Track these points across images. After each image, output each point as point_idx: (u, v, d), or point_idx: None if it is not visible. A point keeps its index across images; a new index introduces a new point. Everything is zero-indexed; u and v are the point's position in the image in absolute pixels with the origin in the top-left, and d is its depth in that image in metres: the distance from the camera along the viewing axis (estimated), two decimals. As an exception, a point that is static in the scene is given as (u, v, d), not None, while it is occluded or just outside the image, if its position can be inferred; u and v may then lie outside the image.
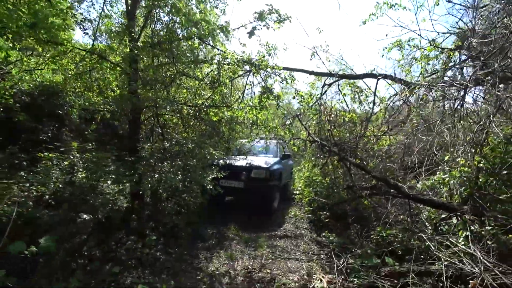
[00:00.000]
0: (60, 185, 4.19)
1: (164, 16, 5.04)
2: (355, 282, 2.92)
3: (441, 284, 2.28)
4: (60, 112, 6.94)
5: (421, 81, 4.49)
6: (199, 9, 4.26)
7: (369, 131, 4.58)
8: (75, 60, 5.41)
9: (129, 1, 4.95)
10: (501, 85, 3.08)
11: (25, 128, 6.22)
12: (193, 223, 4.73)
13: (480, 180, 2.83)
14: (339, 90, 5.87)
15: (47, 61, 5.43)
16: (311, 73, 5.43)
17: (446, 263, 2.38)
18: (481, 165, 2.78)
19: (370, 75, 5.16)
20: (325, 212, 5.09)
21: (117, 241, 3.64)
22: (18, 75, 5.42)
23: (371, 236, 3.89)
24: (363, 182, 4.12)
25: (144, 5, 5.17)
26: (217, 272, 3.24)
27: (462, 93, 3.04)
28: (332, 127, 4.77)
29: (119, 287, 2.71)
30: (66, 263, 2.86)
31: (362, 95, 5.52)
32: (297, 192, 6.29)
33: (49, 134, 6.59)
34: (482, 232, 2.42)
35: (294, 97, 5.06)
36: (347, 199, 4.66)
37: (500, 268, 2.12)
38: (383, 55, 4.98)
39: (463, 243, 2.44)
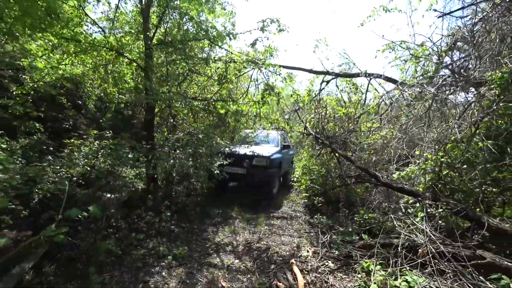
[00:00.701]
0: (88, 168, 4.90)
1: (176, 16, 5.58)
2: (335, 252, 3.58)
3: (399, 253, 2.92)
4: (80, 103, 7.61)
5: (409, 82, 5.01)
6: (210, 16, 4.79)
7: (357, 127, 5.13)
8: (93, 54, 6.00)
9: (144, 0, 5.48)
10: (472, 89, 3.62)
11: (49, 117, 6.91)
12: (201, 204, 5.42)
13: (442, 172, 3.41)
14: (337, 86, 6.41)
15: (69, 57, 6.04)
16: (310, 71, 5.96)
17: (405, 237, 3.01)
18: (443, 160, 3.36)
19: (364, 75, 5.66)
20: (319, 198, 5.74)
21: (138, 216, 4.33)
22: (46, 69, 6.05)
23: (355, 218, 4.53)
24: (351, 172, 4.71)
25: (157, 4, 5.69)
26: (222, 242, 3.94)
27: (433, 95, 3.58)
28: (326, 122, 5.33)
29: (144, 249, 3.42)
30: (103, 229, 3.57)
31: (357, 93, 6.06)
32: (295, 179, 6.91)
33: (70, 123, 7.28)
34: (435, 214, 3.03)
35: (291, 96, 5.61)
36: (336, 186, 5.29)
37: (441, 240, 2.74)
38: (376, 57, 5.47)
39: (419, 221, 3.06)
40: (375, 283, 2.64)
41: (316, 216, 5.13)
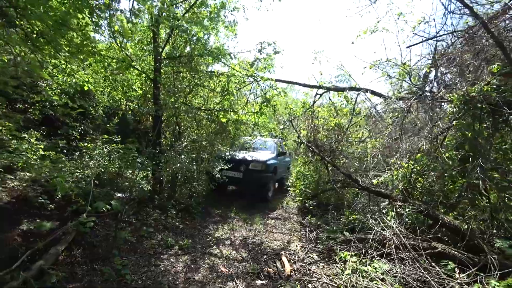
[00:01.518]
0: (102, 170, 5.49)
1: (183, 34, 6.21)
2: (320, 247, 4.13)
3: (371, 246, 3.48)
4: (91, 109, 8.21)
5: (394, 97, 5.62)
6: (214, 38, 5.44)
7: (344, 137, 5.71)
8: (104, 65, 6.59)
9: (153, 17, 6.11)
10: (437, 109, 4.22)
11: (62, 122, 7.50)
12: (203, 205, 5.98)
13: (412, 178, 3.99)
14: (330, 99, 7.02)
15: (84, 68, 6.65)
16: (304, 85, 6.57)
17: (377, 232, 3.58)
18: (413, 167, 3.94)
19: (353, 89, 6.27)
20: (311, 201, 6.31)
21: (146, 213, 4.89)
22: (63, 78, 6.66)
23: (341, 219, 5.09)
24: (338, 177, 5.28)
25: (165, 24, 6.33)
26: (221, 237, 4.49)
27: (407, 108, 4.18)
28: (317, 132, 5.92)
29: (153, 240, 3.97)
30: (121, 222, 4.13)
31: (348, 105, 6.66)
32: (289, 184, 7.47)
33: (82, 128, 7.87)
34: (403, 213, 3.60)
35: (285, 108, 6.21)
36: (324, 190, 5.86)
37: (404, 234, 3.30)
38: (363, 73, 6.09)
39: (390, 219, 3.62)
40: (349, 269, 3.20)
41: (307, 218, 5.68)
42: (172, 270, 3.29)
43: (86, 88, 6.70)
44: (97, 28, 4.05)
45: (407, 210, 3.57)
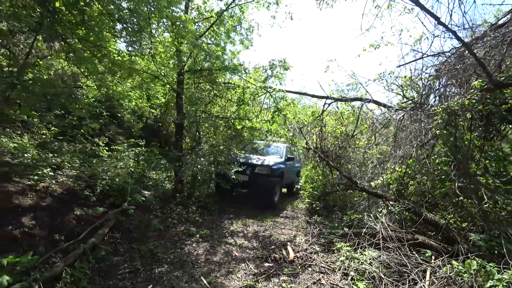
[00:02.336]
0: (132, 170, 6.31)
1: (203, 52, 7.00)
2: (322, 240, 4.72)
3: (364, 238, 4.05)
4: (119, 115, 9.16)
5: (395, 106, 6.16)
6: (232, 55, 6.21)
7: (348, 144, 6.27)
8: (134, 77, 7.44)
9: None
10: (428, 120, 4.75)
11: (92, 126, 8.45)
12: (219, 203, 6.68)
13: (404, 180, 4.53)
14: (337, 108, 7.62)
15: (117, 79, 7.56)
16: (313, 96, 7.20)
17: (369, 226, 4.14)
18: (405, 171, 4.48)
19: (358, 99, 6.83)
20: (318, 203, 6.89)
21: (170, 208, 5.63)
22: (98, 89, 7.60)
23: (344, 218, 5.65)
24: (342, 180, 5.84)
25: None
26: (235, 230, 5.16)
27: (401, 118, 4.72)
28: (323, 139, 6.52)
29: (177, 229, 4.70)
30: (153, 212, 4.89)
31: (354, 114, 7.24)
32: (298, 187, 8.05)
33: (111, 132, 8.81)
34: (393, 210, 4.15)
35: (293, 118, 6.86)
36: (329, 192, 6.43)
37: (391, 228, 3.86)
38: (367, 84, 6.65)
39: (382, 216, 4.18)
40: (343, 256, 3.79)
41: (314, 217, 6.27)
42: (194, 253, 3.99)
43: (121, 101, 7.56)
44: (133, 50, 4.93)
45: (396, 208, 4.12)
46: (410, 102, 5.08)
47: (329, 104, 7.47)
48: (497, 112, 4.09)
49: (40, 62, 5.47)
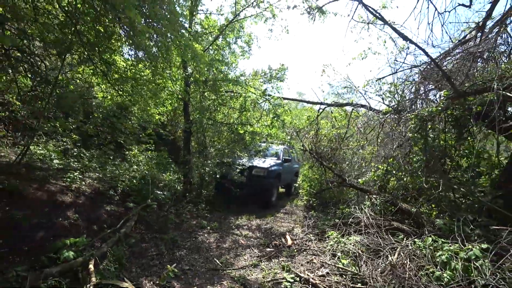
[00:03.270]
0: (146, 172, 7.09)
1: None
2: (316, 231, 5.48)
3: (350, 226, 4.81)
4: (129, 122, 9.94)
5: (383, 111, 6.93)
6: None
7: (339, 146, 7.04)
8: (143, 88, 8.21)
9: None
10: (406, 124, 5.52)
11: (106, 133, 9.24)
12: (225, 202, 7.45)
13: (386, 177, 5.29)
14: (331, 112, 8.40)
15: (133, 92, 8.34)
16: (308, 102, 7.97)
17: (355, 216, 4.91)
18: (386, 169, 5.25)
19: (349, 104, 7.60)
20: (314, 199, 7.65)
21: (182, 206, 6.39)
22: (111, 99, 8.39)
23: (337, 212, 6.40)
24: (333, 178, 6.61)
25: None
26: (241, 224, 5.93)
27: (382, 123, 5.49)
28: (318, 141, 7.29)
29: (190, 223, 5.46)
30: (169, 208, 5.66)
31: (346, 118, 8.01)
32: (296, 185, 8.81)
33: (123, 138, 9.59)
34: (375, 203, 4.91)
35: (290, 123, 7.63)
36: (323, 189, 7.20)
37: (372, 217, 4.62)
38: (356, 91, 7.44)
39: (366, 207, 4.94)
40: (332, 241, 4.55)
41: (311, 212, 7.03)
42: (207, 241, 4.76)
43: (134, 110, 8.35)
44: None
45: (378, 200, 4.88)
46: (390, 108, 5.84)
47: (323, 109, 8.26)
48: (463, 116, 4.88)
49: (64, 78, 6.27)
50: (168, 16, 3.65)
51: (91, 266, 2.92)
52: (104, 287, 2.80)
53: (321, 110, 8.24)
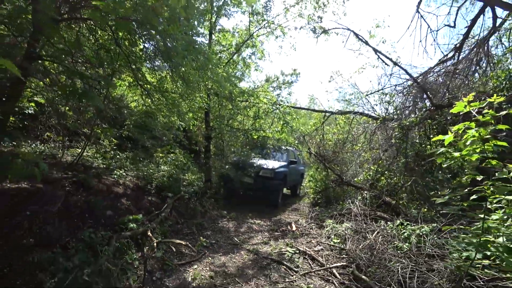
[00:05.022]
0: (174, 171, 8.49)
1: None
2: (317, 221, 6.68)
3: (344, 215, 5.99)
4: (154, 127, 11.44)
5: (384, 116, 8.07)
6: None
7: (341, 150, 8.20)
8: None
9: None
10: (395, 133, 6.66)
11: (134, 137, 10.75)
12: (239, 199, 8.76)
13: (377, 177, 6.44)
14: (336, 119, 9.58)
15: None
16: (314, 110, 9.18)
17: (348, 208, 6.09)
18: (376, 170, 6.40)
19: (350, 112, 8.76)
20: (319, 196, 8.84)
21: (204, 200, 7.73)
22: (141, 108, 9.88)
23: (338, 207, 7.58)
24: (334, 178, 7.79)
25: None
26: (254, 215, 7.21)
27: (373, 130, 6.64)
28: (322, 145, 8.49)
29: (212, 212, 6.78)
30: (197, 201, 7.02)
31: (348, 125, 9.18)
32: (302, 186, 10.00)
33: (150, 142, 11.09)
34: (366, 197, 6.07)
35: (298, 129, 8.87)
36: (326, 188, 8.39)
37: (362, 208, 5.78)
38: (358, 101, 8.60)
39: (358, 201, 6.11)
40: (328, 227, 5.75)
41: (315, 208, 8.22)
42: (226, 226, 6.07)
43: (161, 118, 9.79)
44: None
45: (367, 195, 6.05)
46: (380, 118, 7.01)
47: (328, 117, 9.46)
48: (441, 124, 6.00)
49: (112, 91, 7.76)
50: (207, 61, 4.98)
51: (149, 233, 4.27)
52: (162, 244, 4.15)
53: (326, 117, 9.44)
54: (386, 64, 6.67)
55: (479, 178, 2.59)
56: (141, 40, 4.68)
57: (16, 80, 3.71)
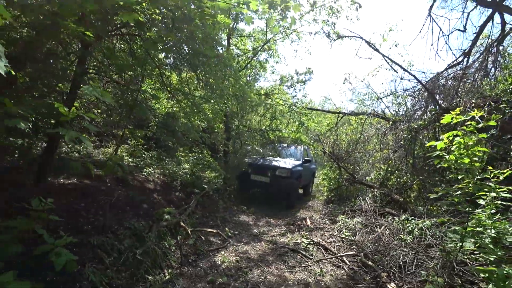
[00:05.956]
0: (196, 169, 9.23)
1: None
2: (331, 216, 7.26)
3: (355, 211, 6.55)
4: (176, 128, 12.24)
5: (393, 118, 8.53)
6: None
7: (354, 150, 8.71)
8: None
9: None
10: (405, 135, 7.14)
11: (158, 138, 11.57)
12: (256, 196, 9.43)
13: (387, 176, 6.94)
14: (349, 119, 10.09)
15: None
16: (328, 111, 9.71)
17: (359, 204, 6.64)
18: (387, 169, 6.90)
19: (363, 113, 9.23)
20: (332, 194, 9.39)
21: (225, 197, 8.43)
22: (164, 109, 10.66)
23: (350, 204, 8.12)
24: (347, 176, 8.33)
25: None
26: (271, 211, 7.86)
27: (383, 131, 7.13)
28: (335, 145, 9.03)
29: (233, 207, 7.47)
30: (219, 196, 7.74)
31: (361, 125, 9.66)
32: (319, 182, 10.57)
33: (172, 141, 11.89)
34: (376, 194, 6.60)
35: (314, 129, 9.43)
36: (338, 186, 8.93)
37: (372, 204, 6.32)
38: (370, 103, 9.06)
39: (367, 198, 6.65)
40: (340, 221, 6.33)
41: (329, 205, 8.79)
42: (247, 220, 6.74)
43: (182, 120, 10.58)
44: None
45: (378, 193, 6.59)
46: (390, 120, 7.50)
47: (341, 118, 9.97)
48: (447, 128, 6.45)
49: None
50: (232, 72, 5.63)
51: (182, 224, 4.99)
52: (195, 232, 4.86)
53: (339, 118, 9.96)
54: (394, 70, 7.13)
55: (460, 177, 3.13)
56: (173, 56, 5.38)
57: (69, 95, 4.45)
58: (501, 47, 6.71)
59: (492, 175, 2.97)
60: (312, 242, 5.41)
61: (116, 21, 4.69)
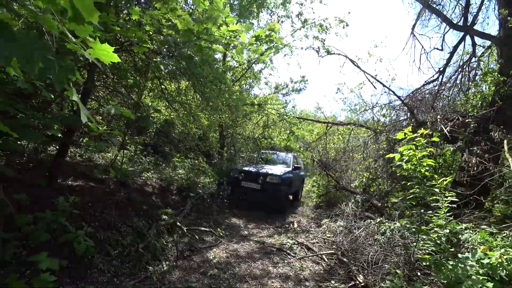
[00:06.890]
0: (191, 175, 9.82)
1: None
2: (317, 221, 7.86)
3: (339, 215, 7.18)
4: (173, 135, 12.85)
5: (377, 128, 9.22)
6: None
7: (340, 158, 9.38)
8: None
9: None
10: (384, 145, 7.82)
11: (155, 143, 12.16)
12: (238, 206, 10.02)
13: (369, 182, 7.59)
14: (337, 129, 10.77)
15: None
16: (318, 121, 10.40)
17: (342, 209, 7.27)
18: (368, 176, 7.55)
19: (350, 123, 9.92)
20: (321, 200, 10.02)
21: (218, 201, 9.01)
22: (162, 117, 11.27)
23: (336, 209, 8.74)
24: (334, 183, 8.96)
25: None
26: (261, 216, 8.45)
27: (366, 142, 7.80)
28: (324, 153, 9.69)
29: (225, 211, 8.05)
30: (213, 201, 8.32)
31: (348, 135, 10.34)
32: (308, 188, 11.20)
33: (168, 147, 12.48)
34: (358, 200, 7.24)
35: (303, 137, 10.10)
36: (327, 192, 9.56)
37: (354, 209, 6.95)
38: (359, 114, 9.75)
39: (351, 203, 7.28)
40: (324, 225, 6.94)
41: (317, 210, 9.41)
42: (237, 223, 7.32)
43: (179, 127, 11.19)
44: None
45: (360, 198, 7.23)
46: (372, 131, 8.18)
47: (330, 127, 10.65)
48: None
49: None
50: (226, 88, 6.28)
51: (178, 224, 5.58)
52: (190, 231, 5.45)
53: (328, 128, 10.64)
54: (374, 87, 7.84)
55: (410, 184, 3.78)
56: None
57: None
58: (472, 65, 7.45)
59: (438, 182, 3.62)
60: (296, 243, 6.02)
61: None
